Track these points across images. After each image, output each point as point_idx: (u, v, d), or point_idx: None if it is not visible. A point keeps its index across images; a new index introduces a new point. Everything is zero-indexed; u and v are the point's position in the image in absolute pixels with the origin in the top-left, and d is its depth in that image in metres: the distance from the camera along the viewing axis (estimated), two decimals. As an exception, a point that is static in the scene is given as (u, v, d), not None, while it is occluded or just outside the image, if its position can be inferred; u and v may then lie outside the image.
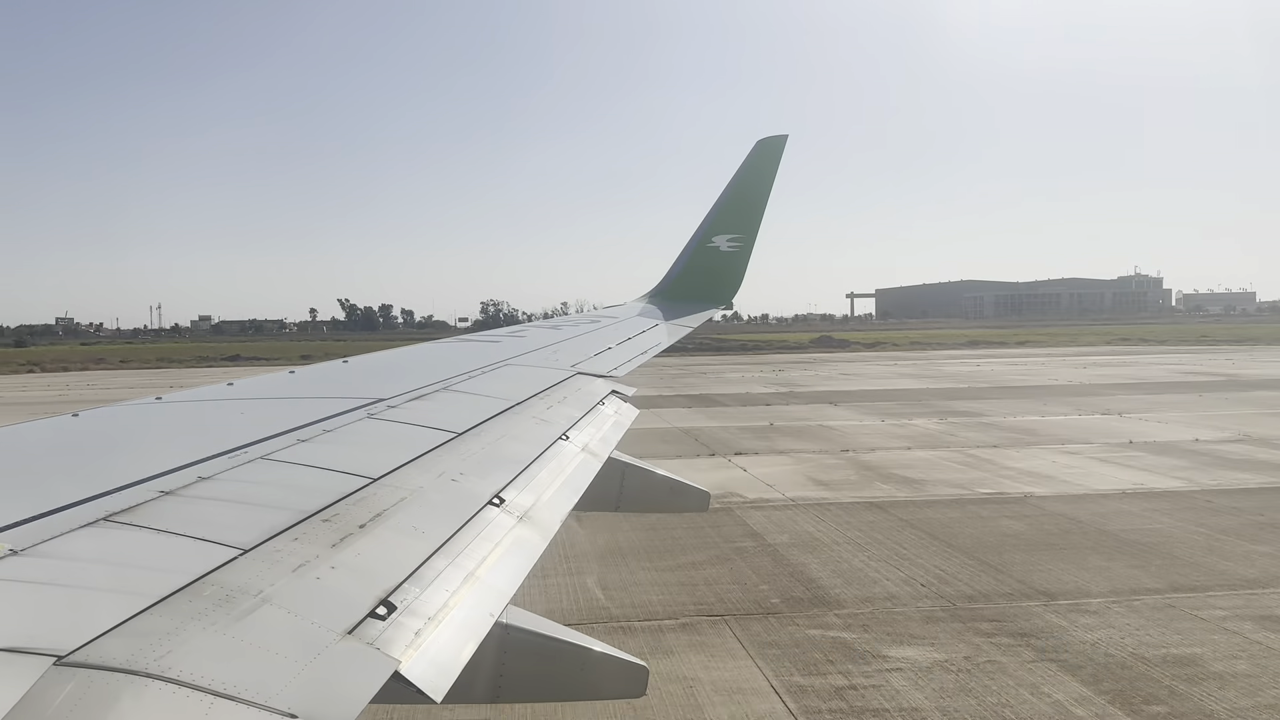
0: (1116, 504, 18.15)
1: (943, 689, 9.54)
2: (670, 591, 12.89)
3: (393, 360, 7.43)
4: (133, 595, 2.03)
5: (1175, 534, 15.72)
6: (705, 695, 9.46)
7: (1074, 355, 68.26)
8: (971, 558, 14.47)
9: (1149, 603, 12.25)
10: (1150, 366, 54.49)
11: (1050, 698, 9.31)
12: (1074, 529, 16.26)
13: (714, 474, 21.57)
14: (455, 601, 2.52)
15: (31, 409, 35.07)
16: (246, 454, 3.38)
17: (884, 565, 14.10)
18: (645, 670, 4.43)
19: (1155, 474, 21.23)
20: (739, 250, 12.29)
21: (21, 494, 2.80)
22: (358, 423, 4.16)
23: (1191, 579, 13.25)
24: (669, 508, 8.57)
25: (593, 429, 5.16)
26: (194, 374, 62.13)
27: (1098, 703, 9.17)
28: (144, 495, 2.76)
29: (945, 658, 10.39)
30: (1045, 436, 27.24)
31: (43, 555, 2.25)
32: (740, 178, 12.21)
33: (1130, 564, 14.05)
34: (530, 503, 3.54)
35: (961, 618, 11.70)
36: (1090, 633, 11.14)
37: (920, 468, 22.42)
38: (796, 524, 16.79)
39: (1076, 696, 9.34)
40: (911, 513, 17.66)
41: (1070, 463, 22.83)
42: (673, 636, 11.14)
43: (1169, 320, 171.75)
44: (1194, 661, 10.20)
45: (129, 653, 1.78)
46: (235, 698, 1.75)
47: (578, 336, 9.17)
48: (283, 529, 2.61)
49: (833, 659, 10.38)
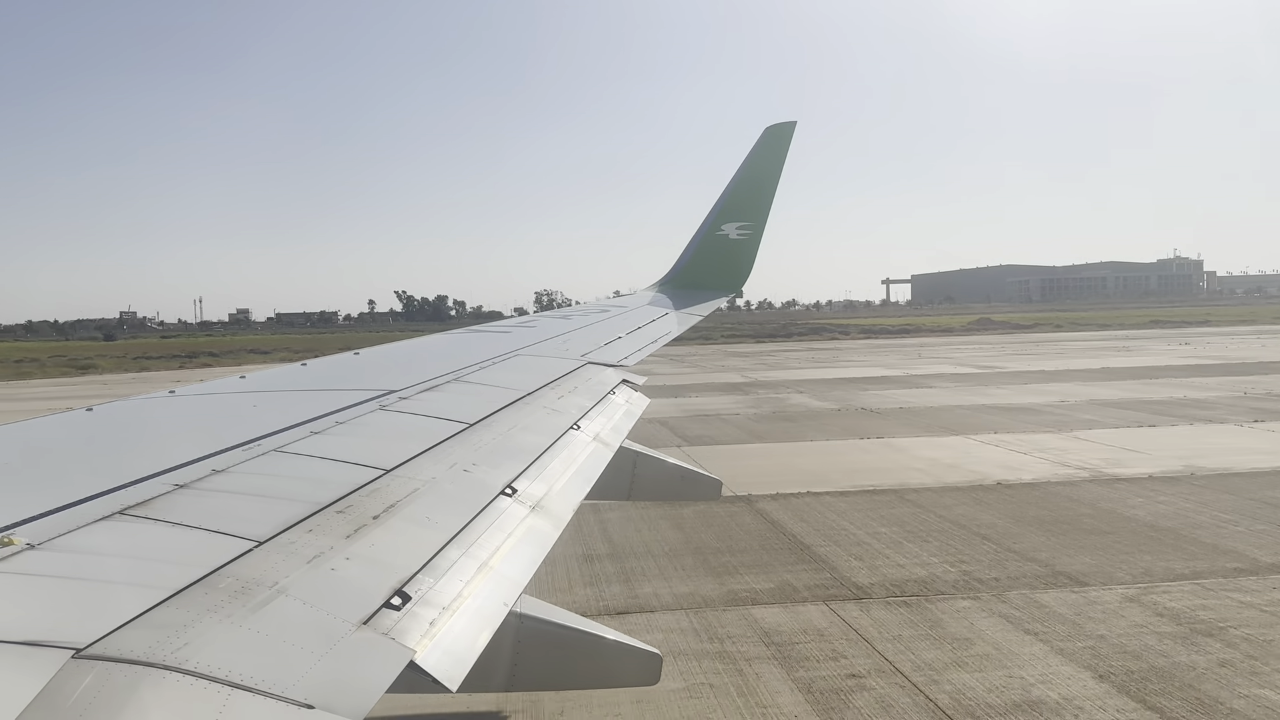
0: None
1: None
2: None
3: (404, 351, 7.44)
4: (149, 588, 2.04)
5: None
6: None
7: (1250, 334, 63.22)
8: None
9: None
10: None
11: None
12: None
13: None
14: (469, 591, 2.52)
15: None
16: (260, 446, 3.39)
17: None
18: (659, 658, 4.44)
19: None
20: (748, 238, 12.26)
21: (38, 488, 2.81)
22: (370, 414, 4.17)
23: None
24: (681, 496, 8.60)
25: (604, 418, 5.17)
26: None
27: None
28: (159, 488, 2.78)
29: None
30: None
31: (60, 549, 2.26)
32: (749, 165, 12.15)
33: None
34: (542, 493, 3.55)
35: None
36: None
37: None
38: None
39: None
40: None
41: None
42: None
43: (1233, 302, 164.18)
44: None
45: (147, 645, 1.79)
46: (252, 689, 1.76)
47: (588, 326, 9.17)
48: (297, 521, 2.62)
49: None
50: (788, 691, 8.46)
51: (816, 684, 8.59)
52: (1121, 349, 53.10)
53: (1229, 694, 8.10)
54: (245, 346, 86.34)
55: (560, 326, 8.93)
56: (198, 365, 63.29)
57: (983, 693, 8.27)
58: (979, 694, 8.25)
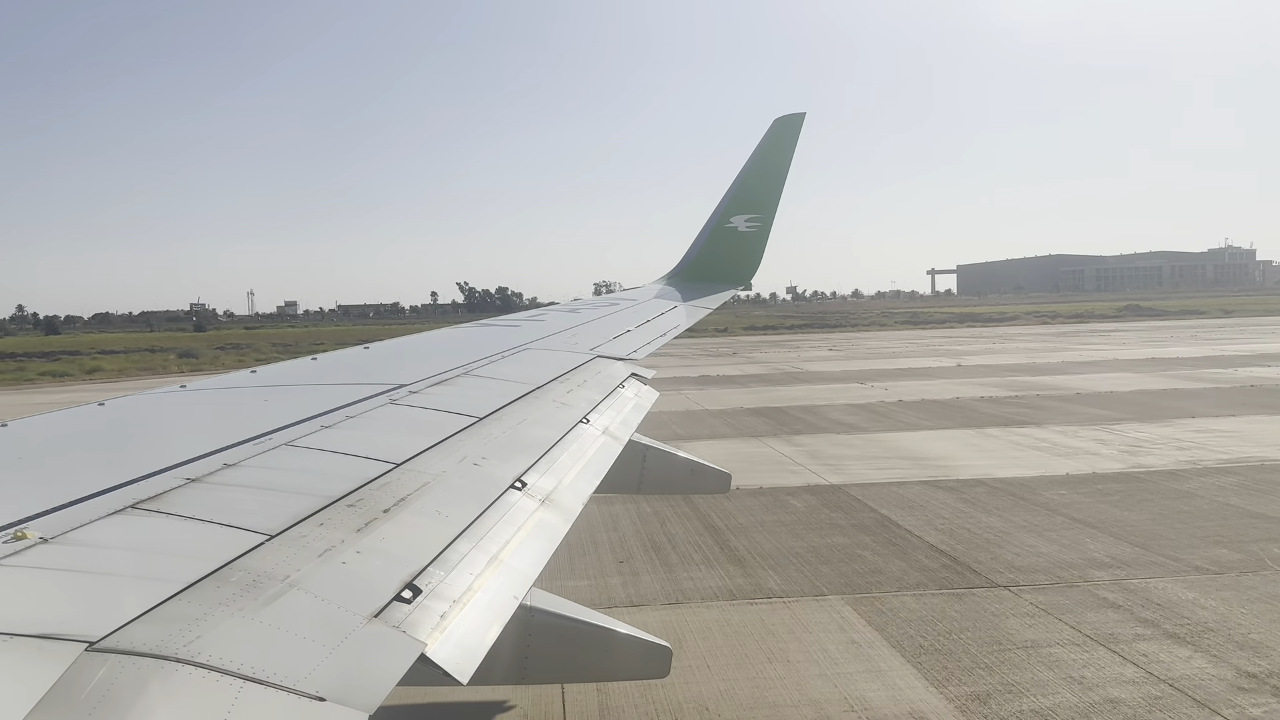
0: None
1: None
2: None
3: (414, 346, 7.45)
4: (161, 581, 2.05)
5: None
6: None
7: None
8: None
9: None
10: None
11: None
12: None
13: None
14: (479, 585, 2.53)
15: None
16: (271, 440, 3.40)
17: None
18: (669, 651, 4.44)
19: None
20: (757, 230, 12.21)
21: (51, 482, 2.83)
22: (380, 408, 4.18)
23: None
24: (690, 489, 8.60)
25: (613, 412, 5.16)
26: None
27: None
28: (170, 483, 2.79)
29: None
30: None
31: (72, 543, 2.27)
32: (758, 157, 12.08)
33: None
34: (552, 486, 3.55)
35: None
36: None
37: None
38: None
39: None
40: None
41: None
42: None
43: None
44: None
45: (159, 638, 1.80)
46: (264, 681, 1.76)
47: (597, 320, 9.16)
48: (308, 514, 2.63)
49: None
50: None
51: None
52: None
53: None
54: (333, 337, 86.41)
55: (569, 320, 8.92)
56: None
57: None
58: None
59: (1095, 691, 8.01)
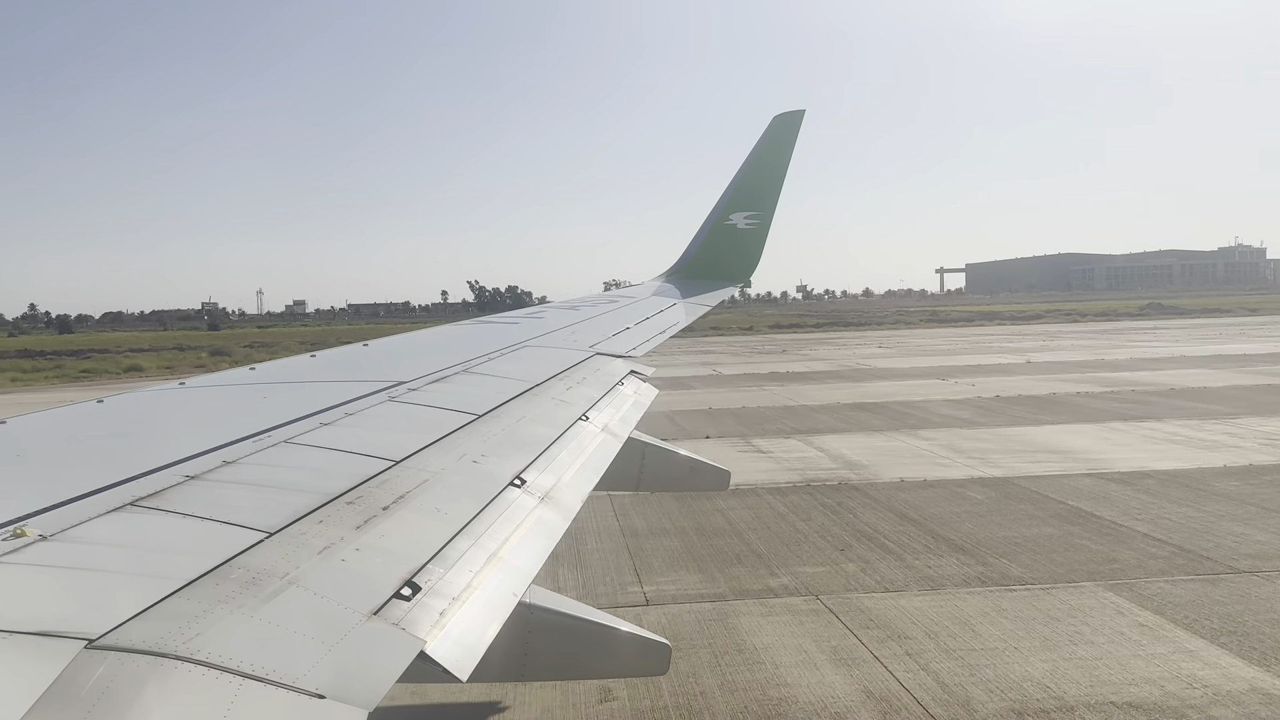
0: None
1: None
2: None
3: (412, 343, 7.45)
4: (160, 579, 2.05)
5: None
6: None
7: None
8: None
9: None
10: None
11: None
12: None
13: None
14: (479, 582, 2.53)
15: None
16: (270, 438, 3.40)
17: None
18: (668, 648, 4.45)
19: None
20: (756, 228, 12.18)
21: (49, 480, 2.83)
22: (379, 405, 4.18)
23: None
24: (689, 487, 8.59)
25: (612, 409, 5.16)
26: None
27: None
28: (169, 480, 2.79)
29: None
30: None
31: (71, 540, 2.27)
32: (757, 154, 12.05)
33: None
34: (551, 484, 3.55)
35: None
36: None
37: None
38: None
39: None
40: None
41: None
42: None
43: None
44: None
45: (158, 636, 1.80)
46: (264, 679, 1.76)
47: (595, 317, 9.16)
48: (307, 512, 2.63)
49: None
50: None
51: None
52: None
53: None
54: (351, 335, 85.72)
55: (568, 317, 8.92)
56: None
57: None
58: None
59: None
